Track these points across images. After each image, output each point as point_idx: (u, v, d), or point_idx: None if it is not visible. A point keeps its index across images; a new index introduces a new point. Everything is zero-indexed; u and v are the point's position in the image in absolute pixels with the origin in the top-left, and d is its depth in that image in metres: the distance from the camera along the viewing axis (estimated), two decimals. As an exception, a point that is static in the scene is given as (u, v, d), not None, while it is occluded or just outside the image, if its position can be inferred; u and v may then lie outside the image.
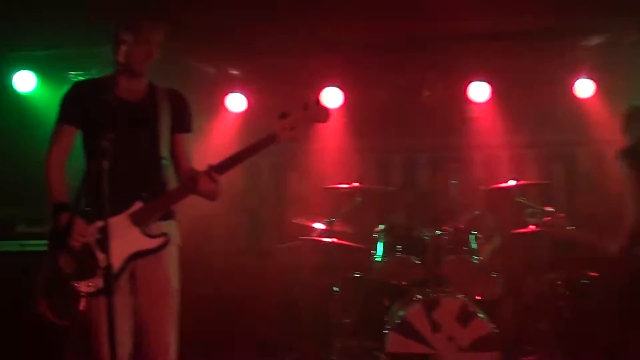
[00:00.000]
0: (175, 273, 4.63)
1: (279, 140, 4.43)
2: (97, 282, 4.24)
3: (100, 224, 4.24)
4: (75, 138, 4.59)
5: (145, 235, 4.45)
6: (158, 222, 4.53)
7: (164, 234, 4.49)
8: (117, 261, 4.28)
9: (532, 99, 8.60)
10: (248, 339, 7.86)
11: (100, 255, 4.27)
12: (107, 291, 3.99)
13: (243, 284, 8.37)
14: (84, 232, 4.29)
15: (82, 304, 4.23)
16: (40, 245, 6.86)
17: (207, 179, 4.35)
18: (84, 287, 4.27)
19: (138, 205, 4.44)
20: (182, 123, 4.72)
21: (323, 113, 4.52)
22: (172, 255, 4.62)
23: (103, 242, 4.13)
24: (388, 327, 6.59)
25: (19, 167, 7.68)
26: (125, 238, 4.36)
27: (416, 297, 6.65)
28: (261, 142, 4.44)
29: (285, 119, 4.42)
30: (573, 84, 8.53)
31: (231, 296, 8.04)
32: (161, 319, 4.54)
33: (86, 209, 4.27)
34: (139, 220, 4.43)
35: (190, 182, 4.40)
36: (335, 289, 7.27)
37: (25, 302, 6.47)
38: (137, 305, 4.51)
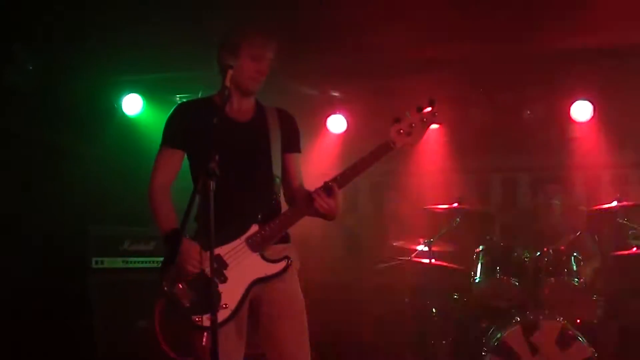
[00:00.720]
0: (300, 293, 4.40)
1: (396, 146, 4.21)
2: (219, 316, 4.02)
3: (216, 251, 4.00)
4: (181, 161, 4.43)
5: (265, 261, 4.24)
6: (277, 244, 4.32)
7: (285, 257, 4.28)
8: (239, 290, 4.17)
9: (635, 118, 8.44)
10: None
11: (220, 286, 4.13)
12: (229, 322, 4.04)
13: (340, 304, 8.46)
14: (201, 258, 4.03)
15: (205, 339, 4.01)
16: (143, 262, 7.23)
17: (325, 195, 4.14)
18: (206, 320, 3.96)
19: (254, 228, 4.23)
20: (293, 143, 4.54)
21: (439, 114, 4.28)
22: (294, 277, 4.39)
23: (220, 271, 4.12)
24: (486, 349, 6.56)
25: (126, 187, 7.95)
26: (244, 264, 4.18)
27: (515, 319, 6.60)
28: (378, 151, 4.20)
29: (400, 124, 4.21)
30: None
31: (328, 317, 8.13)
32: (300, 339, 4.33)
33: (198, 235, 4.10)
34: (256, 245, 4.21)
35: (307, 201, 4.18)
36: (433, 310, 7.26)
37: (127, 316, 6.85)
38: (269, 331, 4.29)
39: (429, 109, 4.26)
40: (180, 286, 4.11)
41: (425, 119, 4.25)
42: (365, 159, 4.21)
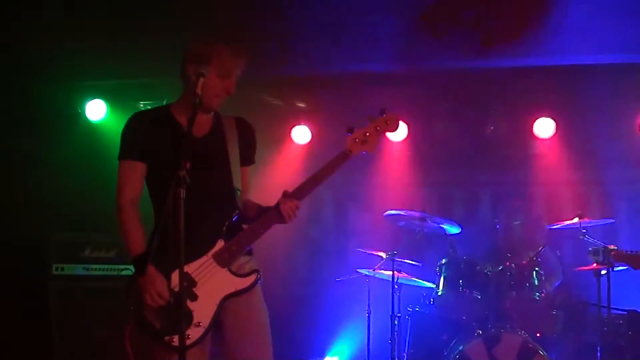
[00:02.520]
0: (264, 304, 4.39)
1: (353, 154, 4.28)
2: (193, 334, 4.06)
3: (184, 269, 3.87)
4: (144, 174, 4.29)
5: (235, 275, 4.22)
6: (242, 258, 4.31)
7: (255, 271, 4.28)
8: (211, 307, 4.14)
9: (597, 136, 8.53)
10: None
11: (191, 304, 4.08)
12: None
13: (302, 315, 8.46)
14: (164, 292, 4.00)
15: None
16: (104, 269, 7.17)
17: (290, 200, 4.17)
18: (178, 341, 3.83)
19: (220, 244, 4.21)
20: (249, 155, 4.49)
21: (391, 122, 4.37)
22: (258, 289, 4.34)
23: (190, 289, 4.08)
24: (447, 361, 6.59)
25: (88, 193, 7.87)
26: (214, 281, 4.15)
27: (477, 333, 6.63)
28: (336, 160, 4.27)
29: (354, 133, 4.28)
30: (639, 121, 8.44)
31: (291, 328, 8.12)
32: (263, 351, 4.31)
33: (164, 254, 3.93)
34: (224, 260, 4.19)
35: (275, 212, 4.18)
36: (395, 322, 7.26)
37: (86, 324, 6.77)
38: (233, 344, 4.26)
39: (381, 118, 4.35)
40: (150, 308, 4.07)
41: (378, 128, 4.35)
42: (325, 169, 4.27)
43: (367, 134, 4.32)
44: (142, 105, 8.46)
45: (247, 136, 4.50)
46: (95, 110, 8.65)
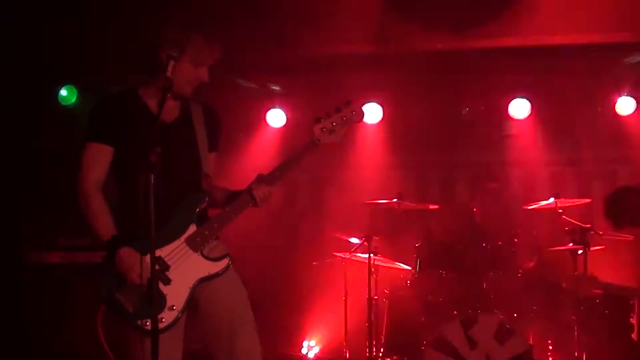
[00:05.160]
0: (242, 285, 4.40)
1: (321, 144, 4.34)
2: (167, 318, 4.06)
3: (157, 253, 3.97)
4: (110, 158, 4.20)
5: (207, 259, 4.22)
6: (214, 242, 4.29)
7: (226, 255, 4.28)
8: (184, 290, 4.13)
9: (572, 116, 8.57)
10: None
11: (164, 288, 4.07)
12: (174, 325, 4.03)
13: (281, 298, 8.45)
14: (142, 267, 3.96)
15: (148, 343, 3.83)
16: (79, 256, 7.10)
17: (264, 184, 4.21)
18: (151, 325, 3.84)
19: (192, 228, 4.20)
20: (215, 141, 4.49)
21: (356, 113, 4.42)
22: (233, 272, 4.35)
23: (163, 273, 4.07)
24: (424, 343, 6.58)
25: (61, 179, 7.78)
26: (187, 265, 4.14)
27: (454, 314, 6.64)
28: (304, 149, 4.34)
29: (321, 122, 4.33)
30: (614, 101, 8.47)
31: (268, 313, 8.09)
32: (252, 328, 4.35)
33: (138, 238, 3.98)
34: (195, 245, 4.18)
35: (248, 197, 4.22)
36: (371, 305, 7.24)
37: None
38: (215, 327, 4.28)
39: (348, 108, 4.40)
40: (123, 293, 4.03)
41: (344, 118, 4.39)
42: (294, 158, 4.35)
43: (334, 123, 4.37)
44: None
45: (214, 123, 4.50)
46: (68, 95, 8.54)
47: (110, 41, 7.38)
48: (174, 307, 4.09)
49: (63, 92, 8.53)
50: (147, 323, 3.88)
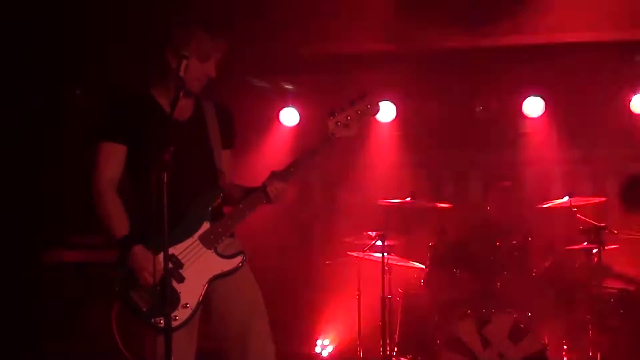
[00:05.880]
0: (255, 283, 4.40)
1: (336, 138, 4.29)
2: (181, 315, 4.07)
3: (170, 251, 3.99)
4: (124, 158, 4.23)
5: (221, 257, 4.22)
6: (228, 240, 4.30)
7: (240, 252, 4.28)
8: (197, 288, 4.14)
9: (587, 114, 8.53)
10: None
11: (178, 286, 4.09)
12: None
13: (294, 297, 8.44)
14: (154, 267, 3.92)
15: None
16: (94, 256, 7.09)
17: (276, 181, 4.19)
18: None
19: (206, 225, 4.20)
20: (227, 139, 4.48)
21: (372, 106, 4.35)
22: (247, 270, 4.36)
23: (177, 270, 4.09)
24: (438, 342, 6.58)
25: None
26: (200, 262, 4.15)
27: (467, 313, 6.61)
28: (319, 145, 4.30)
29: (336, 116, 4.27)
30: (629, 99, 8.43)
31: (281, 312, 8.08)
32: (265, 327, 4.34)
33: (151, 236, 3.94)
34: (209, 242, 4.18)
35: (262, 193, 4.21)
36: (386, 304, 7.23)
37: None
38: (227, 324, 4.28)
39: (363, 101, 4.33)
40: (136, 291, 4.06)
41: (359, 111, 4.32)
42: (308, 153, 4.31)
43: (349, 117, 4.31)
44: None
45: (227, 120, 4.50)
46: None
47: (112, 41, 7.36)
48: (188, 305, 4.10)
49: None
50: (161, 321, 3.89)
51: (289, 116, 8.99)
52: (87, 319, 6.84)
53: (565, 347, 7.07)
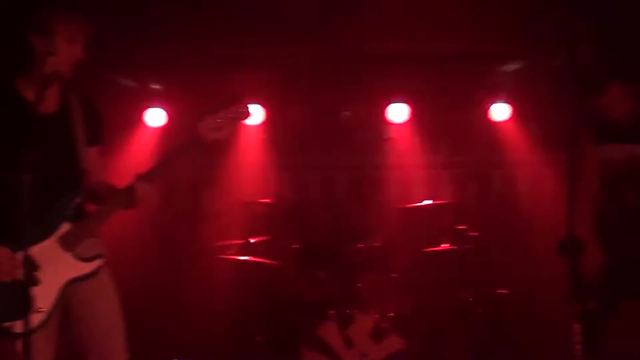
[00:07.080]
0: (113, 290, 4.28)
1: (205, 140, 4.19)
2: (36, 319, 3.88)
3: (25, 252, 3.73)
4: None
5: (79, 260, 4.07)
6: (88, 241, 4.13)
7: (99, 255, 4.15)
8: (52, 292, 3.99)
9: (449, 121, 8.75)
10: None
11: (33, 289, 3.85)
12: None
13: (156, 302, 8.30)
14: (13, 264, 3.83)
15: (18, 346, 3.76)
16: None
17: (141, 188, 4.04)
18: (18, 327, 3.75)
19: (66, 227, 4.08)
20: (95, 135, 4.30)
21: (243, 110, 4.29)
22: (106, 274, 4.24)
23: (31, 273, 3.89)
24: (302, 343, 6.61)
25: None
26: (57, 265, 4.00)
27: (330, 314, 6.69)
28: (186, 145, 4.19)
29: (208, 119, 4.18)
30: (489, 107, 8.70)
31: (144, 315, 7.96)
32: (112, 336, 4.24)
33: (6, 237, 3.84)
34: (68, 243, 4.05)
35: (125, 195, 4.06)
36: (249, 306, 7.24)
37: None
38: (80, 332, 4.18)
39: (234, 106, 4.28)
40: None
41: (231, 115, 4.26)
42: (175, 153, 4.20)
43: (219, 120, 4.25)
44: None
45: (94, 115, 4.33)
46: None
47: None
48: (42, 309, 3.95)
49: None
50: (11, 325, 3.79)
51: (155, 116, 8.84)
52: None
53: (425, 346, 7.25)
